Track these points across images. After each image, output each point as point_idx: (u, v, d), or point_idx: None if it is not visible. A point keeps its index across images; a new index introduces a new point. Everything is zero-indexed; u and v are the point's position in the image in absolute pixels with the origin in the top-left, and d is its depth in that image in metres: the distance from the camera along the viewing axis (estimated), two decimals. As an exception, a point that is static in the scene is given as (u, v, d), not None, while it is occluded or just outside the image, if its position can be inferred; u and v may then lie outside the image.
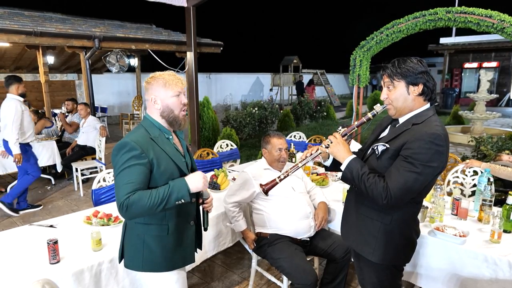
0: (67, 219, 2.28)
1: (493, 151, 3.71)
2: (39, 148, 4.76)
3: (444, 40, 14.17)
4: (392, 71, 1.46)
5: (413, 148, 1.36)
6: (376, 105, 1.54)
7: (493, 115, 7.55)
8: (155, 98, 1.46)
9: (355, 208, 1.61)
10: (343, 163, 1.50)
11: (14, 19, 6.50)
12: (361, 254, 1.59)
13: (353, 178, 1.46)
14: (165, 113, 1.47)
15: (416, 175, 1.35)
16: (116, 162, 1.38)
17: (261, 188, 1.77)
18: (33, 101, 9.75)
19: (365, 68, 6.11)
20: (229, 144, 4.46)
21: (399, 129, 1.50)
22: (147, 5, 5.62)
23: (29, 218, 3.89)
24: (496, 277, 1.76)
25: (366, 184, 1.41)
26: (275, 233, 2.29)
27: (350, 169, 1.47)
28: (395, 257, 1.55)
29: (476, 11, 4.69)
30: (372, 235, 1.53)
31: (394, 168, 1.40)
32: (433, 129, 1.37)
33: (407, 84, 1.44)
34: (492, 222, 1.95)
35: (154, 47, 7.44)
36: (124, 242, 1.53)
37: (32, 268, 1.67)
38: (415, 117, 1.47)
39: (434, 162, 1.36)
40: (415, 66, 1.43)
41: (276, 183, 1.73)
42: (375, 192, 1.39)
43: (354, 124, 1.60)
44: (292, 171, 1.68)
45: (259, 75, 17.24)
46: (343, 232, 1.72)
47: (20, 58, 8.58)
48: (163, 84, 1.45)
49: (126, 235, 1.52)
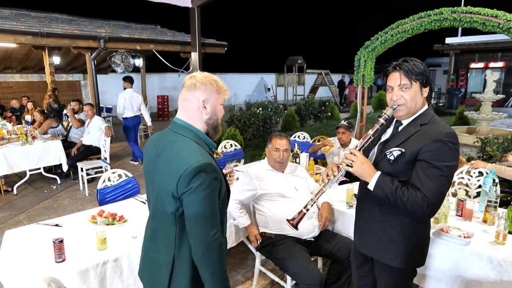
0: (72, 218, 2.31)
1: (498, 152, 3.68)
2: (45, 147, 4.82)
3: (450, 40, 14.04)
4: (410, 71, 1.44)
5: (434, 151, 1.36)
6: (387, 109, 1.48)
7: (499, 116, 7.47)
8: (206, 102, 1.27)
9: (371, 215, 1.57)
10: (370, 181, 1.43)
11: (20, 20, 6.58)
12: (381, 261, 1.55)
13: (386, 196, 1.40)
14: (211, 121, 1.30)
15: (446, 179, 1.37)
16: (195, 184, 1.15)
17: (289, 224, 1.64)
18: (39, 101, 9.85)
19: (370, 68, 6.08)
20: (233, 144, 4.47)
21: (407, 131, 1.48)
22: (152, 6, 5.66)
23: (35, 217, 3.94)
24: (501, 278, 1.74)
25: (403, 199, 1.36)
26: (280, 233, 2.29)
27: (381, 188, 1.41)
28: (417, 259, 1.54)
29: (482, 11, 4.65)
30: (392, 241, 1.50)
31: (424, 176, 1.37)
32: (447, 129, 1.39)
33: (421, 85, 1.46)
34: (497, 224, 1.93)
35: (159, 47, 7.49)
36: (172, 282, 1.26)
37: (38, 266, 1.69)
38: (421, 118, 1.47)
39: (455, 160, 1.38)
40: (425, 68, 1.46)
41: (304, 214, 1.63)
42: (414, 205, 1.35)
43: (369, 133, 1.52)
44: (318, 197, 1.57)
45: (263, 75, 17.24)
46: (357, 241, 1.68)
47: (27, 58, 8.68)
48: (217, 89, 1.30)
49: (175, 275, 1.26)
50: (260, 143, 7.51)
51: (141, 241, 1.48)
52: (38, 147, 4.77)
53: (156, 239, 1.32)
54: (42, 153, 4.79)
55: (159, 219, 1.29)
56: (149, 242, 1.36)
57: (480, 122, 7.76)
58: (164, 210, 1.24)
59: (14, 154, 4.56)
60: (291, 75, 16.24)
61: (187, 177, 1.14)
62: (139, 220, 2.22)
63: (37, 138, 5.06)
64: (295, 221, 1.62)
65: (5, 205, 4.35)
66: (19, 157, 4.60)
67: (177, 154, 1.20)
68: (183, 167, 1.15)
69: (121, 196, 2.79)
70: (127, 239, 1.98)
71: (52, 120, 5.79)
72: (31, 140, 4.83)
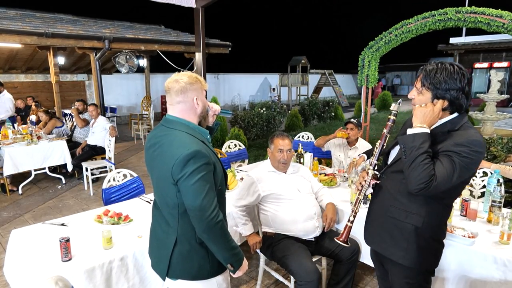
0: (78, 217, 2.33)
1: (503, 152, 3.66)
2: (50, 147, 4.86)
3: (454, 40, 13.97)
4: (425, 78, 1.40)
5: (453, 150, 1.34)
6: (392, 105, 1.50)
7: (504, 116, 7.41)
8: (197, 100, 1.43)
9: (384, 211, 1.55)
10: (414, 126, 1.39)
11: (26, 21, 6.63)
12: (391, 258, 1.53)
13: (412, 148, 1.35)
14: (202, 113, 1.48)
15: (456, 166, 1.32)
16: (187, 170, 1.28)
17: (339, 241, 1.64)
18: (43, 101, 9.93)
19: (374, 68, 6.07)
20: (237, 144, 4.48)
21: (432, 133, 1.43)
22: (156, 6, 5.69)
23: (40, 217, 3.98)
24: (505, 278, 1.74)
25: (418, 162, 1.32)
26: (280, 232, 2.30)
27: (415, 139, 1.36)
28: (427, 261, 1.50)
29: (486, 11, 4.63)
30: (404, 238, 1.47)
31: (438, 163, 1.35)
32: (473, 136, 1.35)
33: (433, 96, 1.40)
34: (501, 223, 1.93)
35: (163, 47, 7.51)
36: (173, 254, 1.41)
37: (45, 265, 1.71)
38: (450, 124, 1.42)
39: (472, 165, 1.34)
40: (450, 81, 1.36)
41: (350, 227, 1.62)
42: (422, 175, 1.31)
43: (384, 132, 1.52)
44: (357, 207, 1.58)
45: (267, 76, 17.25)
46: (367, 236, 1.67)
47: (32, 59, 8.75)
48: (201, 85, 1.45)
49: (177, 248, 1.41)
50: (264, 143, 7.53)
51: (146, 240, 1.57)
52: (43, 147, 4.81)
53: (160, 221, 1.47)
54: (47, 153, 4.83)
55: (163, 204, 1.43)
56: (155, 225, 1.52)
57: (484, 122, 7.71)
58: (165, 196, 1.39)
59: (19, 154, 4.60)
60: (295, 75, 16.24)
61: (180, 164, 1.28)
62: (144, 219, 2.23)
63: (42, 138, 5.10)
64: (344, 237, 1.63)
65: (11, 205, 4.39)
66: (24, 157, 4.64)
67: (170, 145, 1.35)
68: (175, 156, 1.29)
69: (126, 196, 2.81)
70: (132, 239, 1.99)
71: (56, 120, 5.84)
72: (36, 140, 4.88)
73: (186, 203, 1.31)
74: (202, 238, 1.36)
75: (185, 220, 1.36)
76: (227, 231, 1.39)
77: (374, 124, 9.54)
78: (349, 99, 19.43)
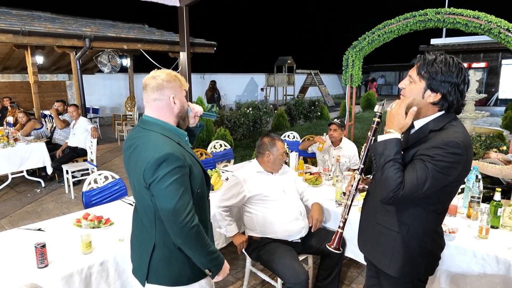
0: (56, 222, 2.25)
1: (481, 149, 3.77)
2: (28, 150, 4.69)
3: (435, 41, 14.37)
4: (422, 66, 1.31)
5: (427, 154, 1.25)
6: (376, 107, 1.42)
7: (482, 115, 7.66)
8: (174, 98, 1.36)
9: (372, 217, 1.50)
10: (386, 132, 1.32)
11: (1, 18, 6.38)
12: (378, 266, 1.49)
13: (380, 154, 1.30)
14: (181, 113, 1.41)
15: (429, 172, 1.23)
16: (159, 174, 1.23)
17: (331, 249, 1.59)
18: (22, 102, 9.60)
19: (358, 68, 6.15)
20: (223, 144, 4.45)
21: (413, 137, 1.37)
22: (140, 5, 5.59)
23: (18, 222, 3.83)
24: (484, 272, 1.78)
25: (386, 169, 1.27)
26: (265, 236, 2.29)
27: (385, 146, 1.30)
28: (413, 271, 1.42)
29: (464, 12, 4.76)
30: (390, 246, 1.42)
31: (409, 167, 1.28)
32: (451, 136, 1.24)
33: (426, 86, 1.30)
34: (480, 219, 1.98)
35: (146, 47, 7.38)
36: (152, 260, 1.37)
37: (19, 272, 1.64)
38: (433, 123, 1.33)
39: (449, 168, 1.23)
40: (447, 73, 1.27)
41: (341, 233, 1.57)
42: (388, 183, 1.26)
43: (369, 135, 1.43)
44: (346, 213, 1.54)
45: (253, 76, 17.23)
46: (360, 242, 1.63)
47: (8, 58, 8.43)
48: (180, 84, 1.39)
49: (155, 253, 1.36)
50: (250, 143, 7.50)
51: (128, 244, 1.52)
52: (21, 149, 4.64)
53: (139, 225, 1.42)
54: (25, 155, 4.66)
55: (140, 208, 1.40)
56: (134, 229, 1.48)
57: (463, 120, 7.95)
58: (141, 200, 1.35)
59: (-5, 156, 4.42)
60: (281, 75, 16.29)
61: (152, 167, 1.24)
62: (126, 222, 2.16)
63: (19, 140, 4.92)
64: (335, 243, 1.57)
65: (-13, 210, 4.22)
66: (0, 160, 4.46)
67: (144, 147, 1.30)
68: (147, 159, 1.25)
69: (108, 198, 2.73)
70: (113, 242, 1.94)
71: (35, 121, 5.64)
72: (13, 142, 4.70)
73: (159, 207, 1.26)
74: (176, 243, 1.31)
75: (162, 224, 1.30)
76: (204, 235, 1.33)
77: (359, 123, 9.67)
78: (335, 98, 19.63)
